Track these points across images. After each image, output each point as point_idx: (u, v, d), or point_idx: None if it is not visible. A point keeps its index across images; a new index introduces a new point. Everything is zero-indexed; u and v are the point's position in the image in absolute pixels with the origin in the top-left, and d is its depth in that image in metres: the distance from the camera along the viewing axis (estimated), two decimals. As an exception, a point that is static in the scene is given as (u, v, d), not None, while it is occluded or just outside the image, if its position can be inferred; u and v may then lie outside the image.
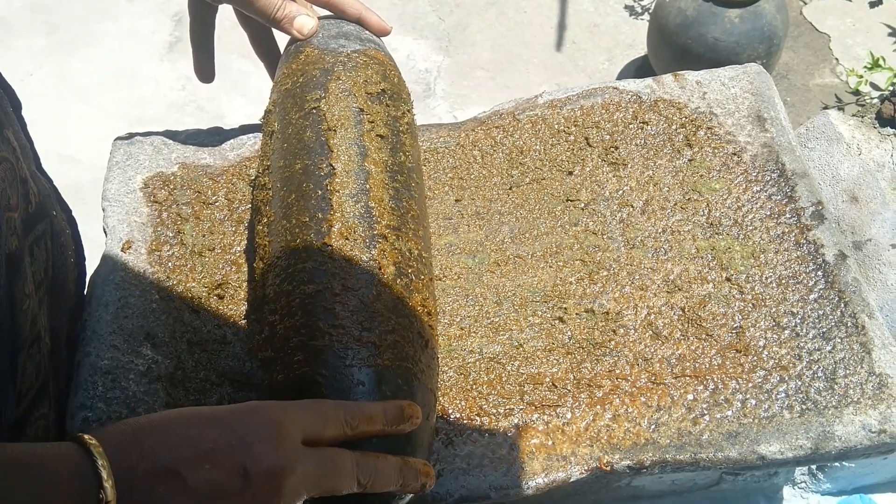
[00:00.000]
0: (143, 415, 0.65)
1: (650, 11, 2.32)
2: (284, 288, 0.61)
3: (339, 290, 0.59)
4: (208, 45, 0.81)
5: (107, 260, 0.74)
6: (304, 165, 0.66)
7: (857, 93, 2.11)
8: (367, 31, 0.77)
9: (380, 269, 0.61)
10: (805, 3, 2.47)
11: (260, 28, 0.81)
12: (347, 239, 0.61)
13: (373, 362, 0.56)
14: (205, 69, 0.83)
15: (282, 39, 0.79)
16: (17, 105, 0.71)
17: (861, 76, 2.11)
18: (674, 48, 2.05)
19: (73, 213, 0.75)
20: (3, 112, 0.63)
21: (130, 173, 0.80)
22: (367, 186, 0.65)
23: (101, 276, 0.73)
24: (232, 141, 0.84)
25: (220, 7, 0.78)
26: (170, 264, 0.74)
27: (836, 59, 2.32)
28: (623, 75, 2.34)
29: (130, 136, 0.83)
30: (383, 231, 0.63)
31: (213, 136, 0.84)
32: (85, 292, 0.81)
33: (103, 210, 0.78)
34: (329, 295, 0.59)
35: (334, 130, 0.67)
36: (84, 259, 0.79)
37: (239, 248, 0.76)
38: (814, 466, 0.96)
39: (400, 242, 0.64)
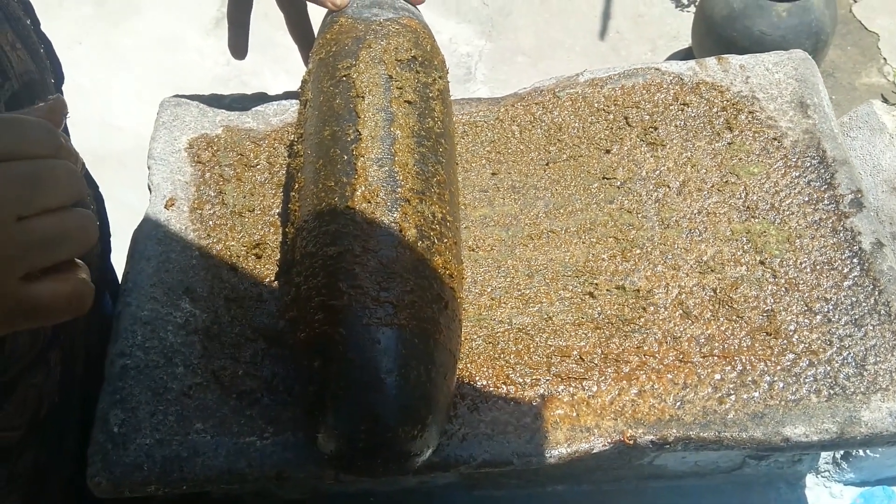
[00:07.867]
0: (180, 366, 0.68)
1: (696, 3, 2.29)
2: (309, 250, 0.63)
3: (360, 252, 0.60)
4: (245, 20, 0.82)
5: (150, 216, 0.76)
6: (333, 132, 0.68)
7: (904, 93, 2.07)
8: (401, 0, 0.78)
9: (401, 231, 0.62)
10: (855, 1, 2.42)
11: (296, 11, 0.81)
12: (370, 202, 0.63)
13: (389, 321, 0.58)
14: (239, 45, 0.83)
15: (317, 23, 0.80)
16: (59, 79, 0.72)
17: (909, 76, 2.07)
18: (718, 41, 2.02)
19: (115, 178, 0.77)
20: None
21: (176, 133, 0.82)
22: (393, 151, 0.66)
23: (143, 231, 0.75)
24: (275, 106, 0.85)
25: None
26: (210, 223, 0.76)
27: (885, 58, 2.28)
28: (665, 66, 2.32)
29: (177, 97, 0.85)
30: (406, 195, 0.64)
31: (257, 101, 0.86)
32: (109, 265, 0.83)
33: (149, 168, 0.80)
34: (350, 256, 0.60)
35: (362, 97, 0.68)
36: (109, 234, 0.80)
37: (277, 210, 0.77)
38: (838, 455, 0.95)
39: (423, 206, 0.65)
